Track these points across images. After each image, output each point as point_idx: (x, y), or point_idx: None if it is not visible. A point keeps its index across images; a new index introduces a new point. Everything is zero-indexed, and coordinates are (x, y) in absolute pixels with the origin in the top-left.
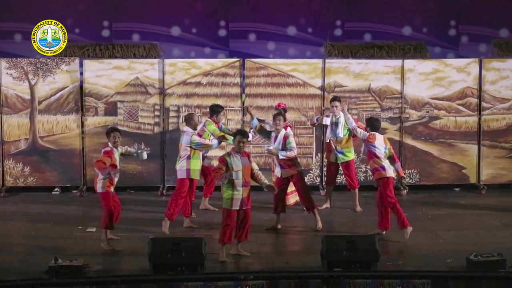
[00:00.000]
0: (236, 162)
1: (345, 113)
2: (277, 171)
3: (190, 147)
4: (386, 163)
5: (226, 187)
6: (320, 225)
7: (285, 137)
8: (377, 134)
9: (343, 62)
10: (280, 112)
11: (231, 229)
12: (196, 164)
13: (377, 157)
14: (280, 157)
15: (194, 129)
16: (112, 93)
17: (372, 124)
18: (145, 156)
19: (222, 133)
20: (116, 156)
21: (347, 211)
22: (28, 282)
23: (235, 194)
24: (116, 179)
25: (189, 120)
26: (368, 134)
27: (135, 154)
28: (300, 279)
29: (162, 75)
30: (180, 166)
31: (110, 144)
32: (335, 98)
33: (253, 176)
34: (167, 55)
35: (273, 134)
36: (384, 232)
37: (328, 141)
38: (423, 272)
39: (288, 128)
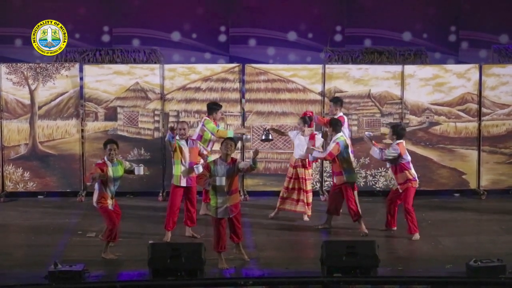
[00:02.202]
0: (219, 170)
1: (370, 143)
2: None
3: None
4: (414, 172)
5: (212, 196)
6: (363, 231)
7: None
8: (403, 142)
9: (343, 67)
10: (305, 119)
11: (222, 237)
12: (176, 170)
13: (410, 167)
14: (310, 158)
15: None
16: (112, 98)
17: (399, 133)
18: (141, 171)
19: (222, 131)
20: (110, 169)
21: (347, 216)
22: (27, 287)
23: (219, 203)
24: (109, 193)
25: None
26: (398, 148)
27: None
28: (300, 284)
29: (162, 80)
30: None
31: (105, 157)
32: (331, 99)
33: (245, 170)
34: (167, 60)
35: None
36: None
37: None
38: (423, 278)
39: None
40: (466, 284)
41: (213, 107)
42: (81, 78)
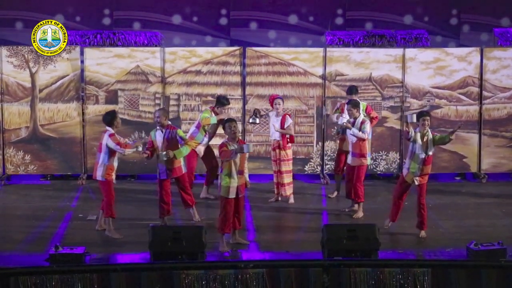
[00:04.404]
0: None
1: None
2: (349, 159)
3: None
4: None
5: (225, 175)
6: (357, 215)
7: (362, 122)
8: None
9: (344, 50)
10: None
11: (230, 218)
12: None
13: None
14: (350, 133)
15: (162, 126)
16: (113, 81)
17: None
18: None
19: (206, 119)
20: None
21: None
22: (29, 269)
23: (232, 182)
24: (115, 166)
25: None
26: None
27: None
28: (300, 267)
29: (163, 64)
30: None
31: (112, 129)
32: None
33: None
34: (168, 43)
35: (351, 120)
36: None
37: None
38: (423, 261)
39: (362, 115)
40: (467, 267)
41: (221, 100)
42: (82, 61)
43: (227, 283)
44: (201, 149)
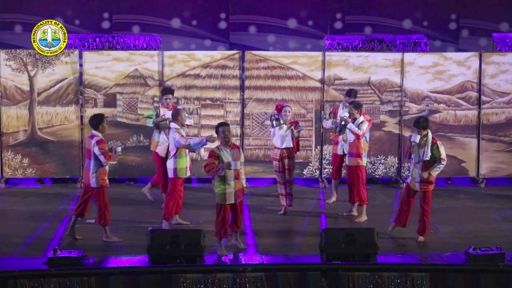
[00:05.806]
0: (227, 156)
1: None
2: (346, 159)
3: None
4: None
5: (218, 182)
6: (360, 220)
7: (361, 122)
8: None
9: (343, 55)
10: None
11: (227, 222)
12: (182, 163)
13: None
14: (348, 127)
15: (182, 125)
16: (111, 84)
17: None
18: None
19: (143, 119)
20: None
21: (347, 203)
22: (27, 273)
23: (227, 188)
24: (107, 167)
25: (176, 116)
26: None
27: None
28: (299, 271)
29: (162, 67)
30: (168, 165)
31: (100, 134)
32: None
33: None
34: (167, 47)
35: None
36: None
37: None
38: (422, 265)
39: (362, 117)
40: (465, 271)
41: (164, 91)
42: (81, 65)
43: (226, 286)
44: (161, 149)
